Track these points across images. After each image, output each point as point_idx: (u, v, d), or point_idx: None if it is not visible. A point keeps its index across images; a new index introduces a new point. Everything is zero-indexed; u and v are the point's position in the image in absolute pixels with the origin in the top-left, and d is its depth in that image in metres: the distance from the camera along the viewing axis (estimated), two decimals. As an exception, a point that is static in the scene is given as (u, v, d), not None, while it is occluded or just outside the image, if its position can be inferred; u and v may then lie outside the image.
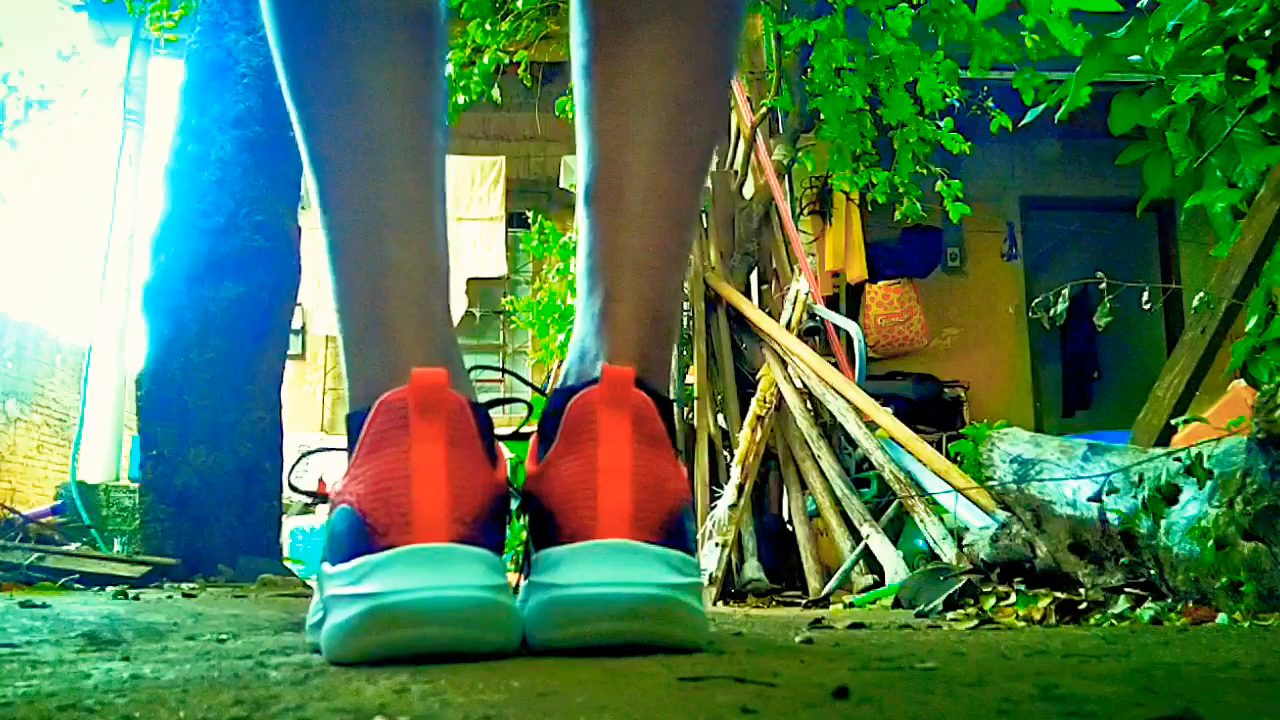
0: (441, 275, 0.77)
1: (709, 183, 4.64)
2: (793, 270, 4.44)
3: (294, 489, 0.88)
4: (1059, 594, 1.52)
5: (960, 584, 1.80)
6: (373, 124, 0.74)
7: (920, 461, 3.02)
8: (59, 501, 5.21)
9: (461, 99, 4.90)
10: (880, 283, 6.54)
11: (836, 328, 4.60)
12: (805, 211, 6.35)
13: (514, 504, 0.74)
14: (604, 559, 0.64)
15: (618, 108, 0.76)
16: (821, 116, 4.78)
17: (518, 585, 0.72)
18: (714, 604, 2.84)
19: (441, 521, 0.63)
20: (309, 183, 0.77)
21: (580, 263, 0.78)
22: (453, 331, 0.79)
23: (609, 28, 0.77)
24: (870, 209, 5.68)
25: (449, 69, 4.81)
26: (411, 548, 0.62)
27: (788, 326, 3.95)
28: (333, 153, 0.75)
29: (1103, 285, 2.14)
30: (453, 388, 0.66)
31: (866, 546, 2.93)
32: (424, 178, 0.75)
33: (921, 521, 2.79)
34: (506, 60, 4.78)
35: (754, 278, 4.63)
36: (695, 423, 3.86)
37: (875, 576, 2.83)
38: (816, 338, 4.63)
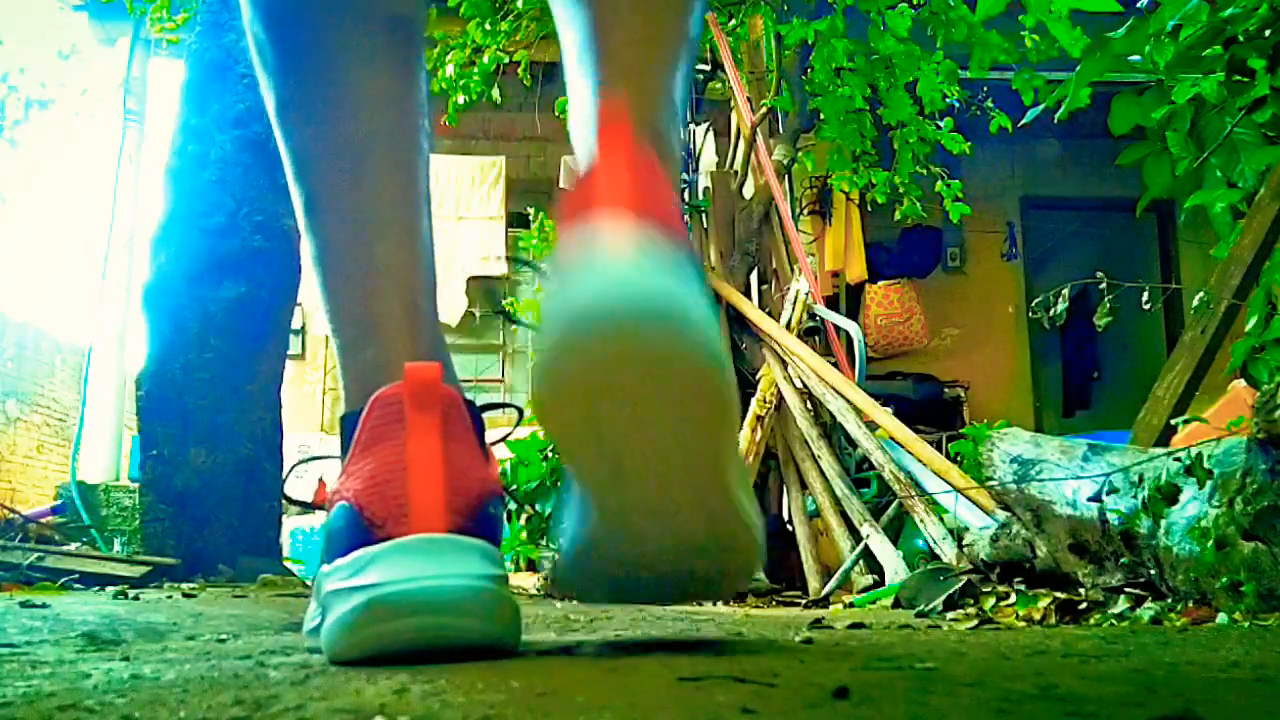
0: (429, 274, 0.77)
1: (708, 181, 4.65)
2: (793, 270, 4.44)
3: (289, 499, 0.87)
4: (1059, 594, 1.52)
5: (960, 584, 1.80)
6: (359, 128, 0.74)
7: (920, 461, 3.02)
8: (59, 501, 5.21)
9: (461, 99, 4.90)
10: (880, 283, 6.54)
11: (836, 328, 4.60)
12: (805, 211, 6.35)
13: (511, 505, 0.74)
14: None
15: None
16: (821, 116, 4.78)
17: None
18: (715, 604, 2.84)
19: (439, 512, 0.62)
20: (293, 189, 0.78)
21: (568, 68, 0.73)
22: (440, 331, 0.78)
23: None
24: (870, 209, 5.68)
25: (449, 69, 4.82)
26: (410, 539, 0.61)
27: (788, 326, 3.95)
28: (319, 157, 0.76)
29: (1103, 285, 2.14)
30: (444, 384, 0.66)
31: (866, 546, 2.93)
32: (409, 179, 0.75)
33: (921, 521, 2.78)
34: (506, 60, 4.78)
35: (754, 278, 4.63)
36: (695, 423, 3.85)
37: (875, 576, 2.82)
38: (816, 338, 4.63)
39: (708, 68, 5.24)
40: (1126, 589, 1.49)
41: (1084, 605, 1.42)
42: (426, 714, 0.42)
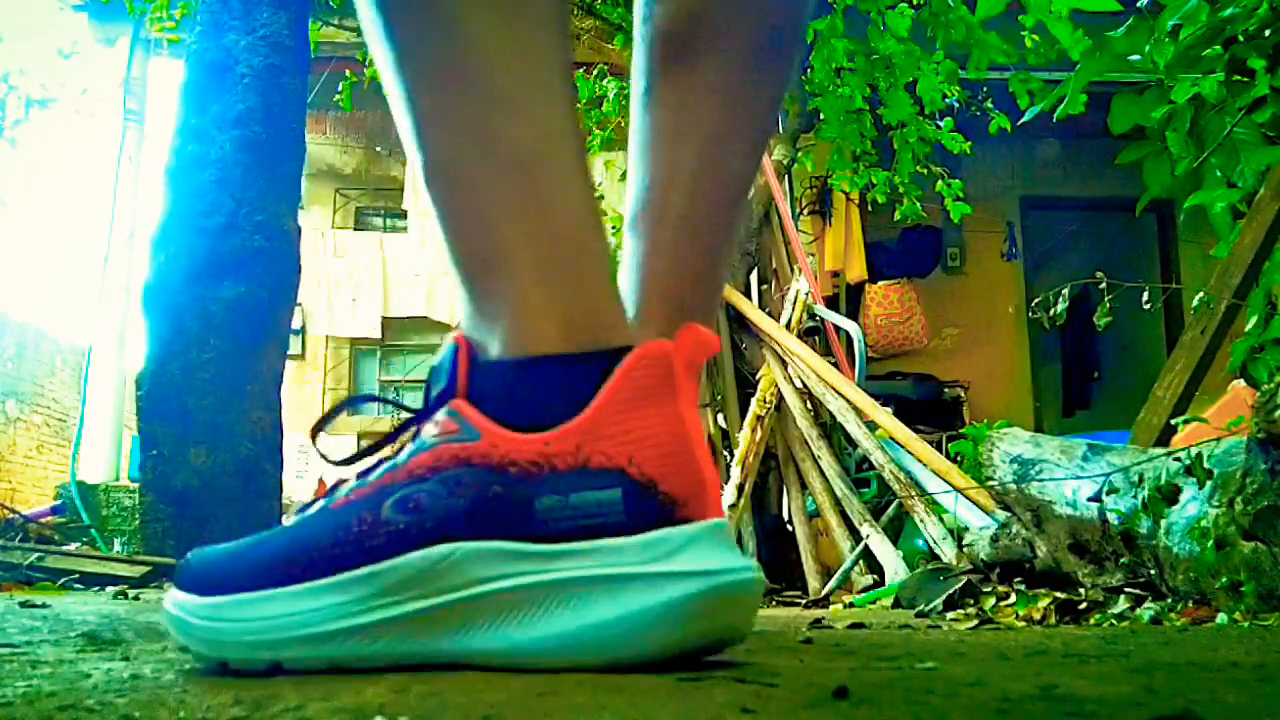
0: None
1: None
2: (793, 270, 4.44)
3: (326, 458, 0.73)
4: (1059, 594, 1.52)
5: (960, 584, 1.80)
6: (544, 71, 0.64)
7: (920, 461, 3.02)
8: (59, 501, 5.21)
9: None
10: (880, 283, 6.54)
11: (836, 328, 4.60)
12: (805, 211, 6.35)
13: None
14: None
15: (661, 139, 0.75)
16: (821, 116, 4.78)
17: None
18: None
19: (719, 494, 0.59)
20: (448, 137, 0.64)
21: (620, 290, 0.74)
22: None
23: (665, 59, 0.76)
24: (870, 209, 5.68)
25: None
26: (719, 521, 0.57)
27: (788, 326, 3.96)
28: (520, 89, 0.63)
29: (1103, 285, 2.14)
30: None
31: (866, 546, 2.93)
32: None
33: (921, 521, 2.79)
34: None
35: (754, 278, 4.64)
36: (695, 423, 3.86)
37: (875, 576, 2.83)
38: (816, 338, 4.64)
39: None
40: (1126, 589, 1.49)
41: (1084, 605, 1.42)
42: (426, 714, 0.42)
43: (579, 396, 0.58)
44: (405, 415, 0.65)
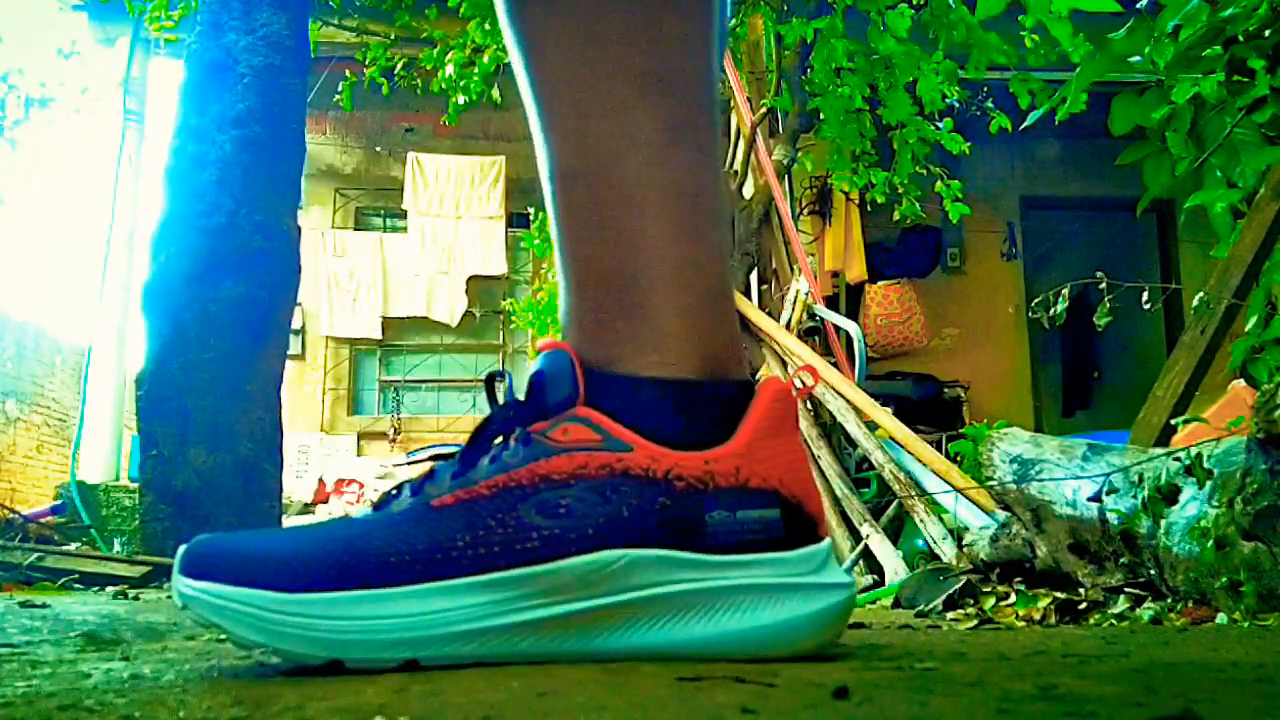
0: None
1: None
2: (792, 270, 4.44)
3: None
4: (1059, 594, 1.52)
5: (960, 584, 1.80)
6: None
7: (920, 461, 3.02)
8: (59, 501, 5.21)
9: (461, 99, 4.90)
10: (880, 283, 6.55)
11: (836, 328, 4.60)
12: (805, 211, 6.35)
13: None
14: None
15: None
16: (821, 116, 4.78)
17: None
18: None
19: None
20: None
21: None
22: None
23: None
24: (870, 209, 5.68)
25: (449, 69, 4.82)
26: (831, 540, 0.65)
27: (788, 326, 3.96)
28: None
29: (1103, 285, 2.14)
30: None
31: (866, 546, 2.93)
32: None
33: (921, 521, 2.78)
34: (506, 60, 4.77)
35: (754, 278, 4.63)
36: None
37: (875, 576, 2.82)
38: (816, 338, 4.64)
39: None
40: (1126, 589, 1.49)
41: (1084, 605, 1.42)
42: (426, 714, 0.42)
43: (721, 422, 0.63)
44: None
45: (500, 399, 0.64)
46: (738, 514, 0.61)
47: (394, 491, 0.64)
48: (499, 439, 0.63)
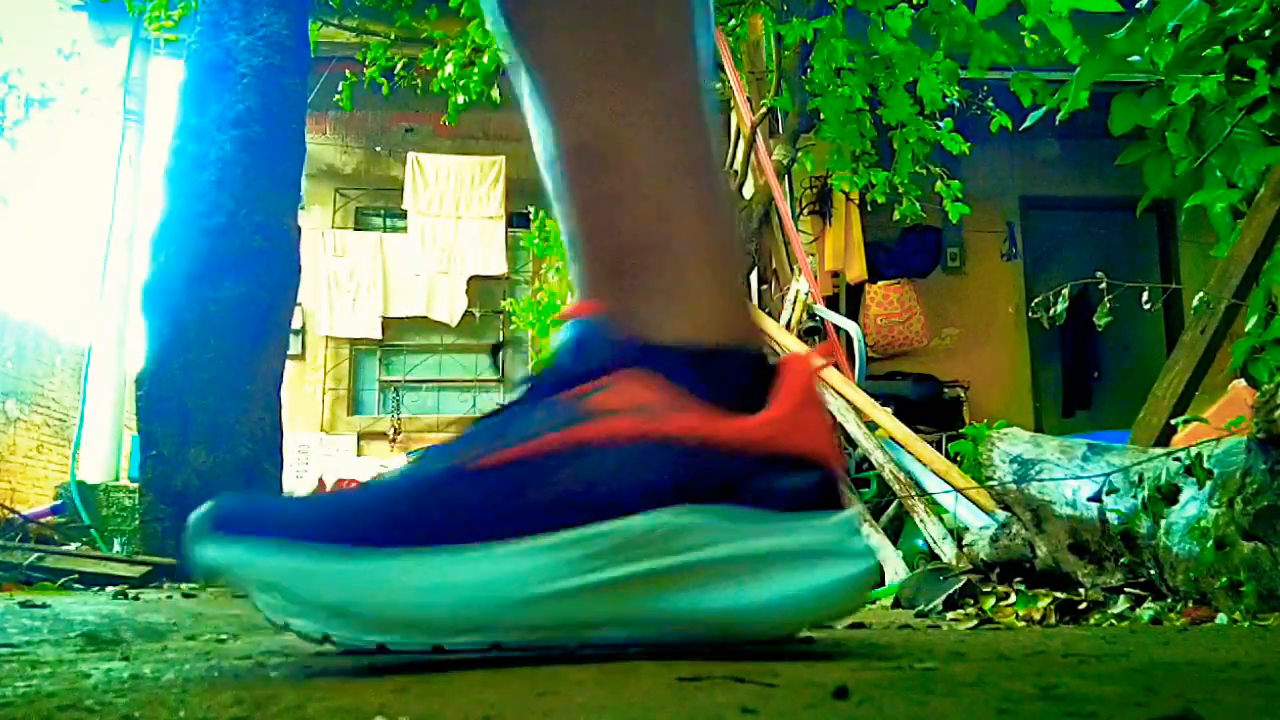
0: None
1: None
2: (792, 270, 4.44)
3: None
4: (1059, 594, 1.52)
5: (960, 584, 1.80)
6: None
7: (920, 461, 3.02)
8: (59, 501, 5.21)
9: (461, 99, 4.90)
10: (880, 283, 6.55)
11: (836, 328, 4.60)
12: (805, 211, 6.36)
13: None
14: None
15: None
16: (821, 116, 4.79)
17: None
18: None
19: None
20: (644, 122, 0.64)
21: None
22: None
23: None
24: (870, 209, 5.68)
25: (449, 69, 4.82)
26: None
27: (788, 326, 3.95)
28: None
29: (1103, 285, 2.14)
30: None
31: (866, 546, 2.93)
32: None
33: (921, 521, 2.79)
34: (506, 60, 4.77)
35: (754, 278, 4.63)
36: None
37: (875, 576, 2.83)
38: (816, 338, 4.64)
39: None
40: (1126, 589, 1.49)
41: (1084, 605, 1.42)
42: (426, 714, 0.42)
43: (749, 390, 0.63)
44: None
45: (503, 369, 0.65)
46: (781, 479, 0.61)
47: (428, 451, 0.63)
48: (537, 404, 0.62)
